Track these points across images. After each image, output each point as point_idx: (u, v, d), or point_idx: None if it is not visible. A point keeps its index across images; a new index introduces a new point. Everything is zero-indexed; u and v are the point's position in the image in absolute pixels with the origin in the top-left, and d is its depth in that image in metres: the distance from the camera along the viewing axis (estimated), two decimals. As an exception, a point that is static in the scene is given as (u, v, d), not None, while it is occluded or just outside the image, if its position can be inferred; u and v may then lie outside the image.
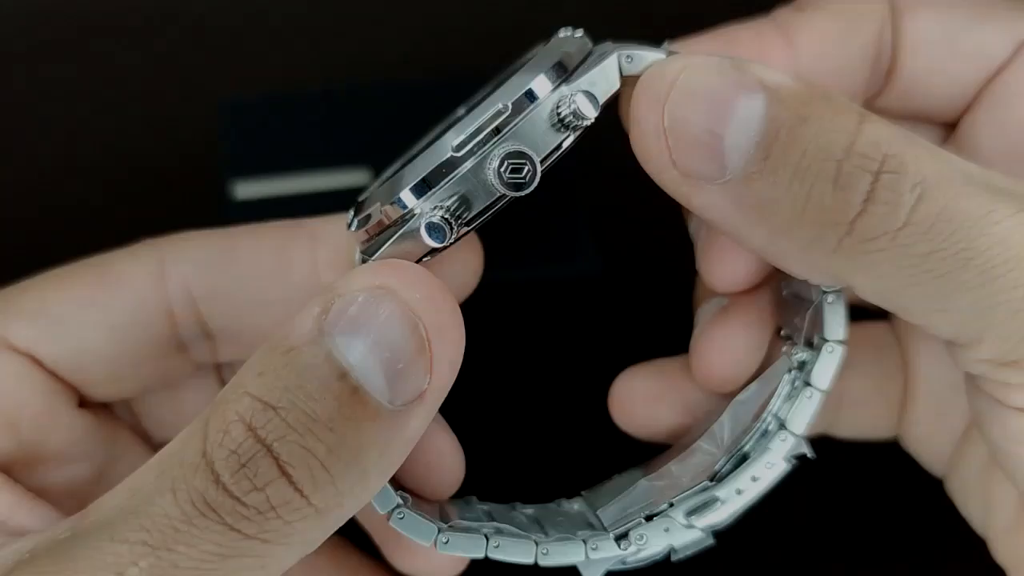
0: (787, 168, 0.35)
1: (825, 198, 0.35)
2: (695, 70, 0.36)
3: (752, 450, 0.44)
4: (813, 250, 0.36)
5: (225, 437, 0.33)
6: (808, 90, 0.36)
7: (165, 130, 0.76)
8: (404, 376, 0.34)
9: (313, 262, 0.44)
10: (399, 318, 0.34)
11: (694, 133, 0.35)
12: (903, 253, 0.35)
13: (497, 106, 0.37)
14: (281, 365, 0.34)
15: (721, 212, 0.37)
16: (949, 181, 0.35)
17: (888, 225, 0.35)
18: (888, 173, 0.35)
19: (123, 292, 0.43)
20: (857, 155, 0.35)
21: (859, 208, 0.35)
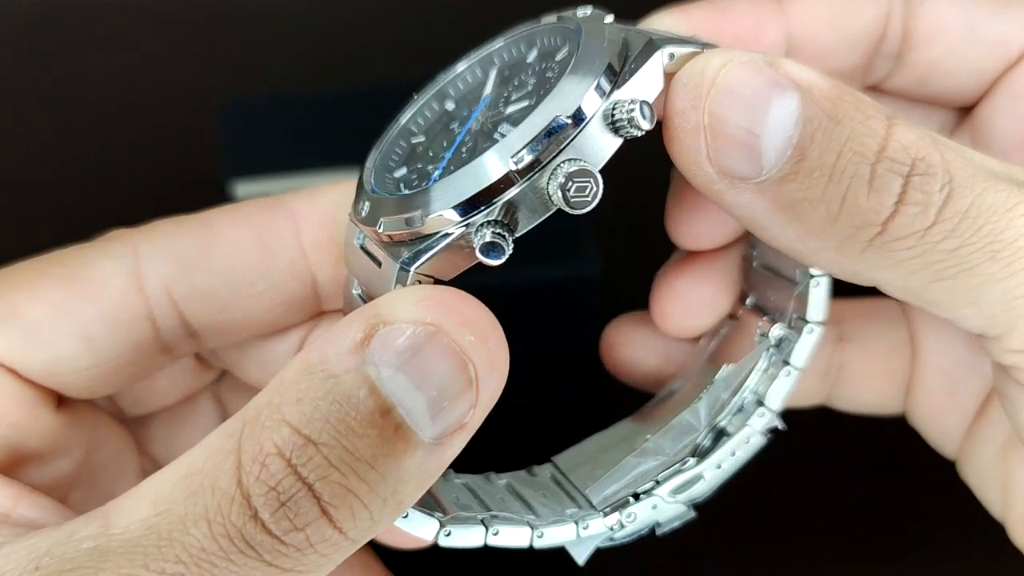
0: (823, 170, 0.35)
1: (860, 200, 0.35)
2: (735, 68, 0.36)
3: (730, 425, 0.46)
4: (843, 250, 0.37)
5: (263, 471, 0.32)
6: (838, 90, 0.36)
7: (165, 130, 0.76)
8: (449, 412, 0.34)
9: (298, 245, 0.43)
10: (449, 359, 0.34)
11: (732, 132, 0.35)
12: (931, 250, 0.36)
13: (554, 116, 0.35)
14: (321, 394, 0.33)
15: (754, 211, 0.37)
16: (974, 178, 0.36)
17: (919, 224, 0.36)
18: (918, 175, 0.35)
19: (99, 300, 0.41)
20: (888, 158, 0.35)
21: (891, 209, 0.35)
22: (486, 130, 0.40)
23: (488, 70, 0.43)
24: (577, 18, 0.40)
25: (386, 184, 0.41)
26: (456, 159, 0.39)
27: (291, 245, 0.43)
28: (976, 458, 0.48)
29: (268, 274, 0.43)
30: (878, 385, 0.51)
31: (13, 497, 0.39)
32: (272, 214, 0.43)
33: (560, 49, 0.41)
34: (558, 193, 0.35)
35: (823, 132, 0.35)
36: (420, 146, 0.42)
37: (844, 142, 0.35)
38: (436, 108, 0.44)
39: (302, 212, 0.43)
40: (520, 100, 0.40)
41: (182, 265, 0.42)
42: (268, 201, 0.44)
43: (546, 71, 0.41)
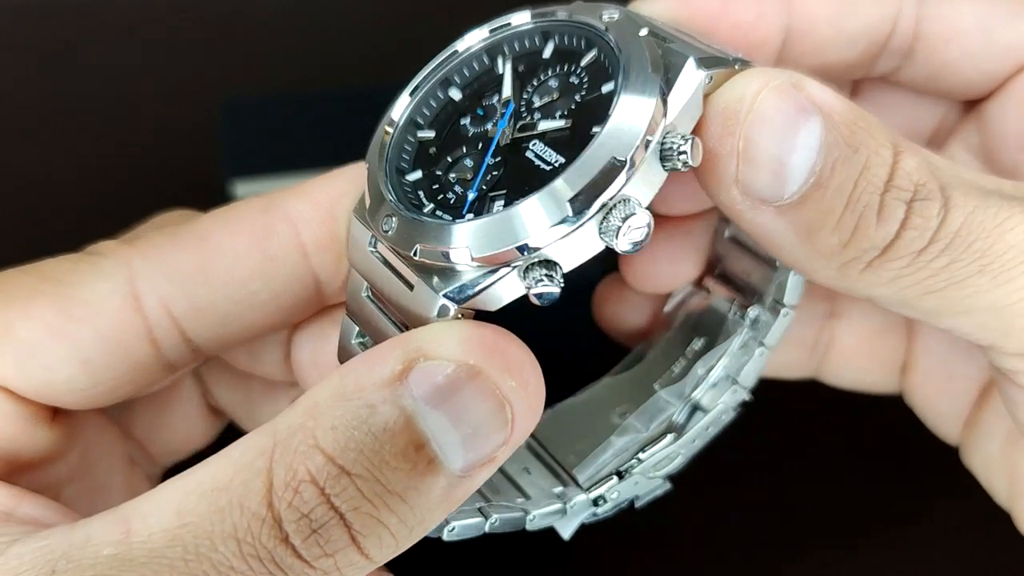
0: (840, 199, 0.36)
1: (869, 229, 0.37)
2: (770, 94, 0.36)
3: (703, 399, 0.47)
4: (845, 270, 0.38)
5: (296, 497, 0.33)
6: (853, 114, 0.37)
7: (165, 130, 0.76)
8: (481, 449, 0.34)
9: (299, 247, 0.42)
10: (488, 401, 0.34)
11: (763, 158, 0.36)
12: (924, 267, 0.37)
13: (610, 158, 0.35)
14: (357, 423, 0.33)
15: (770, 231, 0.37)
16: (966, 197, 0.37)
17: (915, 246, 0.37)
18: (919, 200, 0.37)
19: (95, 322, 0.40)
20: (895, 187, 0.37)
21: (894, 235, 0.37)
22: (517, 146, 0.39)
23: (496, 58, 0.42)
24: (604, 22, 0.39)
25: (404, 191, 0.40)
26: (491, 181, 0.39)
27: (292, 249, 0.42)
28: (980, 448, 0.49)
29: (270, 282, 0.42)
30: (869, 363, 0.52)
31: (15, 497, 0.39)
32: (269, 218, 0.42)
33: (584, 53, 0.40)
34: (613, 238, 0.35)
35: (842, 160, 0.36)
36: (431, 145, 0.41)
37: (860, 172, 0.36)
38: (440, 97, 0.42)
39: (300, 212, 0.42)
40: (548, 109, 0.39)
41: (181, 282, 0.41)
42: (262, 203, 0.42)
43: (570, 75, 0.40)
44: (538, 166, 0.38)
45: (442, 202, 0.39)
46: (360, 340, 0.41)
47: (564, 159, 0.37)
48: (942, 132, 0.51)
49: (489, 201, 0.38)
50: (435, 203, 0.39)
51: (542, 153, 0.38)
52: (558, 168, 0.37)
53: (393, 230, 0.37)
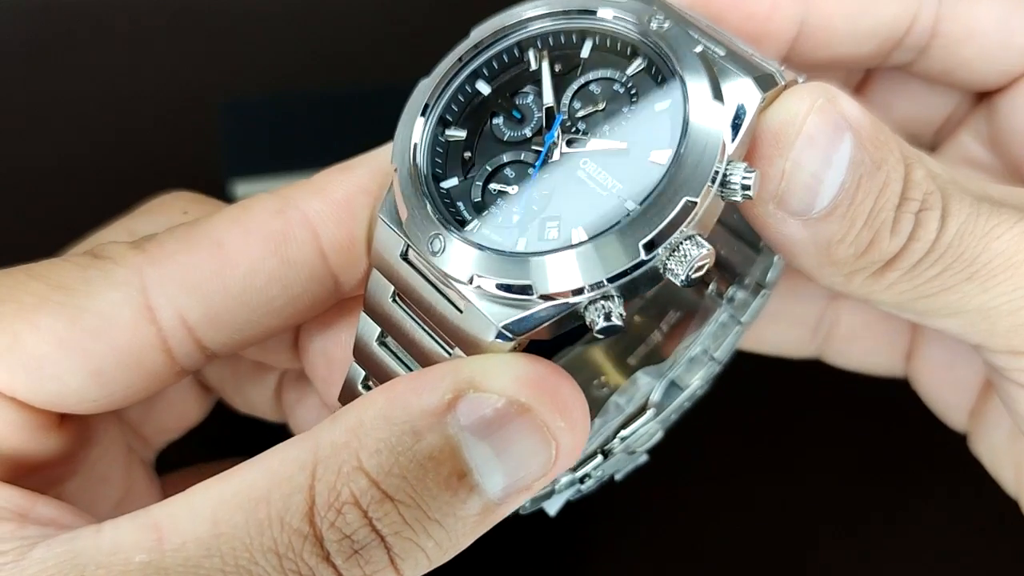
0: (861, 215, 0.37)
1: (883, 243, 0.38)
2: (816, 116, 0.36)
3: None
4: (851, 277, 0.39)
5: (339, 518, 0.33)
6: (875, 128, 0.37)
7: (165, 130, 0.76)
8: (522, 481, 0.35)
9: (317, 249, 0.40)
10: (535, 437, 0.34)
11: (804, 177, 0.37)
12: (919, 275, 0.39)
13: (684, 201, 0.35)
14: (402, 449, 0.33)
15: (792, 241, 0.38)
16: (961, 205, 0.38)
17: (915, 258, 0.38)
18: (924, 211, 0.38)
19: (108, 334, 0.39)
20: (907, 200, 0.38)
21: (901, 247, 0.38)
22: (567, 163, 0.38)
23: (527, 51, 0.41)
24: (654, 30, 0.38)
25: (443, 202, 0.39)
26: (541, 201, 0.38)
27: (310, 252, 0.40)
28: (987, 437, 0.49)
29: (288, 287, 0.41)
30: (873, 346, 0.53)
31: (29, 498, 0.39)
32: (286, 220, 0.40)
33: (629, 61, 0.39)
34: (682, 274, 0.35)
35: (867, 177, 0.37)
36: (464, 147, 0.40)
37: (880, 189, 0.37)
38: (468, 91, 0.41)
39: (317, 212, 0.40)
40: (594, 121, 0.38)
41: (196, 291, 0.39)
42: (277, 203, 0.41)
43: (613, 82, 0.39)
44: (594, 190, 0.37)
45: (488, 219, 0.38)
46: (382, 341, 0.40)
47: (622, 184, 0.37)
48: (952, 121, 0.51)
49: (541, 224, 0.37)
50: (480, 219, 0.38)
51: (596, 175, 0.38)
52: (616, 195, 0.37)
53: (443, 253, 0.37)
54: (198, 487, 0.35)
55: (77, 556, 0.34)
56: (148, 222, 0.46)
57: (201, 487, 0.35)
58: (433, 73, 0.41)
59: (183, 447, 0.52)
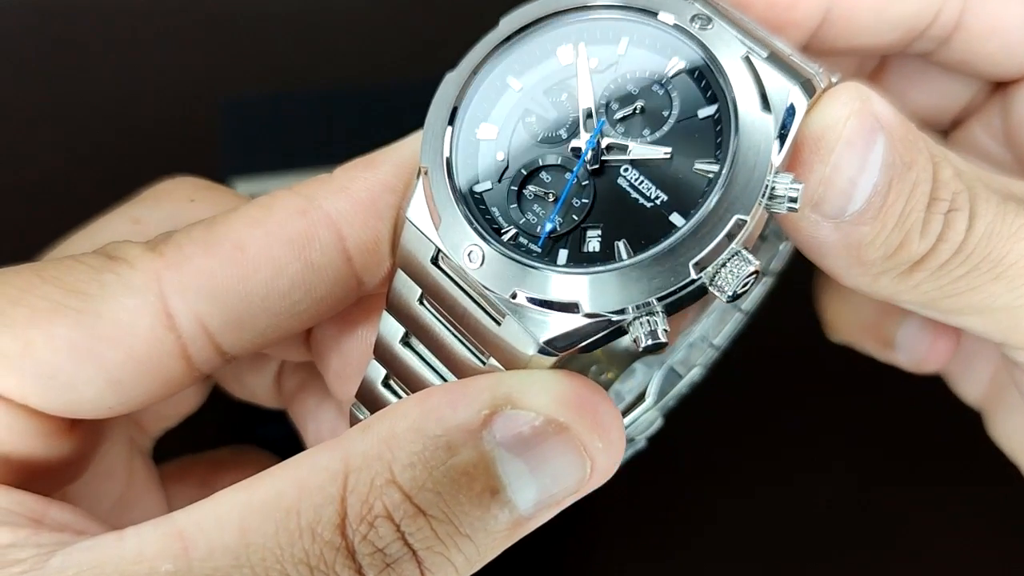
0: (892, 217, 0.37)
1: (913, 245, 0.38)
2: (855, 121, 0.36)
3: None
4: (879, 278, 0.39)
5: (372, 532, 0.33)
6: (905, 128, 0.37)
7: (165, 129, 0.76)
8: (554, 497, 0.35)
9: (342, 251, 0.39)
10: (571, 455, 0.34)
11: (841, 181, 0.36)
12: (945, 275, 0.39)
13: (736, 220, 0.34)
14: (436, 463, 0.33)
15: (823, 243, 0.38)
16: (987, 205, 0.39)
17: (943, 259, 0.38)
18: (953, 211, 0.38)
19: (125, 342, 0.37)
20: (936, 201, 0.38)
21: (930, 248, 0.38)
22: (607, 170, 0.37)
23: (560, 45, 0.39)
24: (695, 34, 0.37)
25: (478, 208, 0.37)
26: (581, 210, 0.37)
27: (334, 253, 0.39)
28: (1005, 421, 0.50)
29: (312, 290, 0.39)
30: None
31: (42, 502, 0.38)
32: (309, 221, 0.39)
33: (668, 61, 0.38)
34: (729, 290, 0.35)
35: (898, 178, 0.37)
36: (496, 147, 0.39)
37: (911, 189, 0.37)
38: (498, 85, 0.39)
39: (340, 212, 0.39)
40: (633, 125, 0.38)
41: (217, 297, 0.38)
42: (299, 203, 0.39)
43: (652, 84, 0.38)
44: (636, 200, 0.37)
45: (524, 227, 0.37)
46: (406, 341, 0.40)
47: (665, 195, 0.36)
48: (969, 110, 0.51)
49: (581, 234, 0.37)
50: (517, 227, 0.37)
51: (638, 184, 0.37)
52: (661, 207, 0.36)
53: (483, 266, 0.36)
54: (222, 494, 0.34)
55: (100, 565, 0.33)
56: (152, 209, 0.45)
57: (226, 494, 0.34)
58: (460, 66, 0.39)
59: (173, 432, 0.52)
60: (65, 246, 0.46)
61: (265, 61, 0.80)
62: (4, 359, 0.37)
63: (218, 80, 0.79)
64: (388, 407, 0.35)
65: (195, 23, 0.82)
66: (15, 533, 0.35)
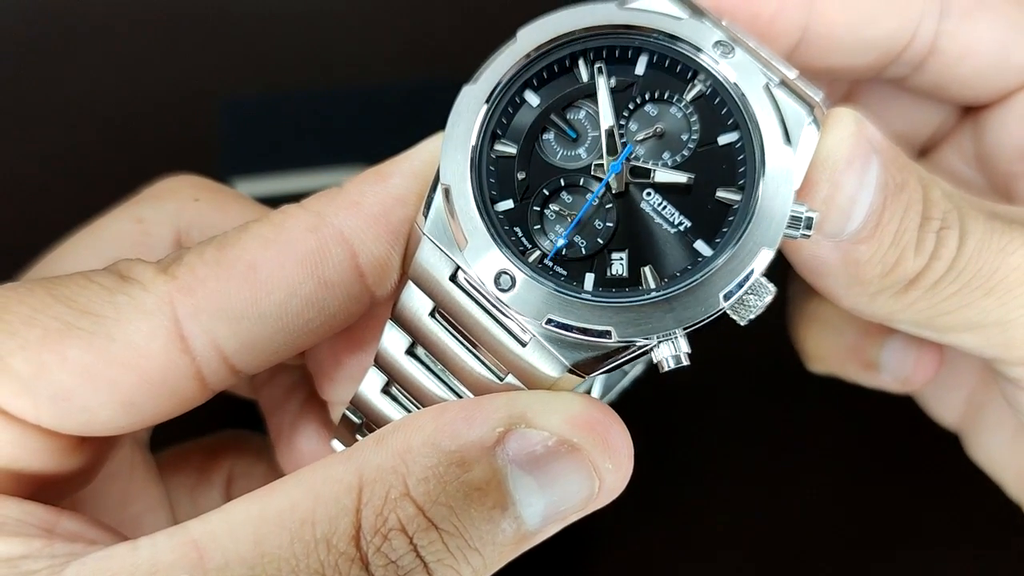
0: (888, 235, 0.38)
1: (907, 263, 0.39)
2: (854, 142, 0.38)
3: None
4: (875, 298, 0.40)
5: (385, 544, 0.34)
6: (894, 151, 0.39)
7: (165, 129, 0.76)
8: (562, 514, 0.36)
9: (355, 269, 0.39)
10: (581, 474, 0.35)
11: (841, 200, 0.38)
12: (938, 292, 0.40)
13: (761, 253, 0.35)
14: (450, 478, 0.34)
15: (823, 263, 0.39)
16: (976, 222, 0.40)
17: (936, 276, 0.39)
18: (944, 229, 0.39)
19: (138, 366, 0.37)
20: (928, 220, 0.39)
21: (924, 265, 0.39)
22: (630, 193, 0.38)
23: (577, 61, 0.39)
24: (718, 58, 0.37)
25: (502, 228, 0.38)
26: (605, 233, 0.38)
27: (347, 270, 0.39)
28: (987, 442, 0.50)
29: (325, 308, 0.39)
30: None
31: (53, 512, 0.38)
32: (321, 239, 0.38)
33: (688, 84, 0.38)
34: (748, 315, 0.36)
35: (892, 199, 0.38)
36: (516, 166, 0.39)
37: (904, 209, 0.38)
38: (517, 102, 0.39)
39: (352, 228, 0.39)
40: (654, 148, 0.38)
41: (231, 320, 0.38)
42: (310, 219, 0.39)
43: (671, 104, 0.38)
44: (660, 225, 0.37)
45: (549, 248, 0.38)
46: (411, 351, 0.40)
47: (689, 221, 0.37)
48: (939, 135, 0.52)
49: (607, 257, 0.37)
50: (542, 249, 0.38)
51: (660, 208, 0.38)
52: (684, 233, 0.37)
53: (512, 291, 0.36)
54: (235, 504, 0.35)
55: (112, 572, 0.34)
56: (155, 209, 0.45)
57: (236, 504, 0.35)
58: (480, 80, 0.39)
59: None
60: (68, 245, 0.46)
61: (265, 61, 0.80)
62: (18, 381, 0.36)
63: (218, 80, 0.79)
64: (402, 419, 0.36)
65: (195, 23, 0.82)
66: (28, 544, 0.36)
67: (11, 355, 0.36)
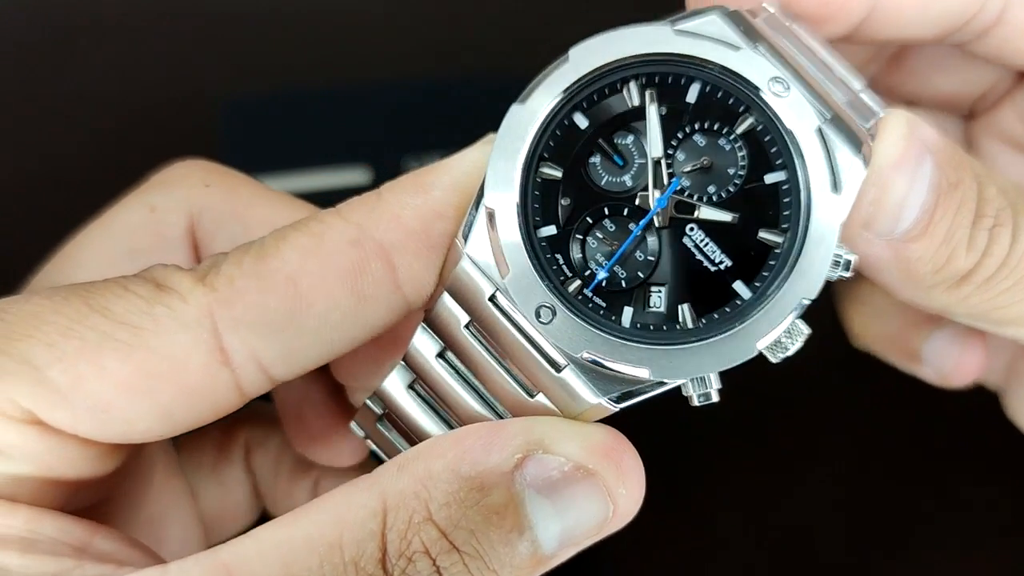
0: (939, 234, 0.39)
1: (959, 260, 0.40)
2: (904, 143, 0.38)
3: None
4: (931, 292, 0.41)
5: (410, 566, 0.35)
6: (951, 150, 0.40)
7: (165, 129, 0.76)
8: (576, 538, 0.37)
9: (394, 283, 0.39)
10: (596, 499, 0.37)
11: (891, 202, 0.39)
12: (992, 287, 0.41)
13: (800, 300, 0.36)
14: (471, 503, 0.35)
15: (876, 260, 0.40)
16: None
17: (989, 272, 0.40)
18: (997, 227, 0.40)
19: (178, 378, 0.37)
20: (981, 217, 0.40)
21: (976, 262, 0.40)
22: (674, 227, 0.38)
23: (628, 83, 0.38)
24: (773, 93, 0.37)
25: (543, 255, 0.38)
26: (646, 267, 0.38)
27: (386, 285, 0.39)
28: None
29: (364, 321, 0.39)
30: None
31: (87, 530, 0.39)
32: (361, 252, 0.38)
33: (740, 117, 0.38)
34: (780, 357, 0.37)
35: (944, 198, 0.39)
36: (560, 192, 0.38)
37: (957, 209, 0.39)
38: (566, 124, 0.39)
39: (392, 244, 0.39)
40: (700, 182, 0.38)
41: (270, 333, 0.38)
42: (351, 232, 0.39)
43: (719, 135, 0.38)
44: (700, 262, 0.38)
45: (590, 278, 0.38)
46: (441, 355, 0.40)
47: (730, 260, 0.37)
48: (994, 94, 0.51)
49: (646, 291, 0.38)
50: (582, 279, 0.38)
51: (703, 245, 0.38)
52: (724, 272, 0.37)
53: (551, 324, 0.37)
54: (263, 529, 0.36)
55: None
56: (167, 196, 0.46)
57: (265, 529, 0.36)
58: (529, 100, 0.38)
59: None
60: (82, 236, 0.46)
61: (265, 61, 0.80)
62: (56, 393, 0.36)
63: (218, 80, 0.79)
64: (421, 445, 0.37)
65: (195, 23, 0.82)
66: (60, 563, 0.36)
67: (49, 367, 0.36)
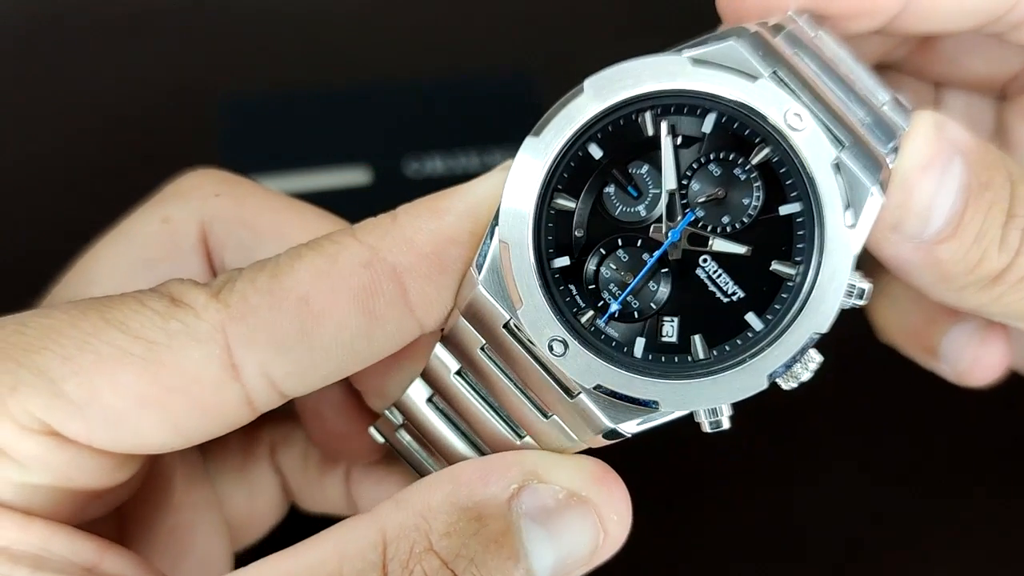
0: (969, 235, 0.39)
1: (991, 260, 0.40)
2: (932, 146, 0.39)
3: None
4: (963, 292, 0.41)
5: None
6: (982, 150, 0.40)
7: (165, 128, 0.76)
8: (569, 566, 0.38)
9: (405, 304, 0.39)
10: (588, 527, 0.38)
11: (920, 204, 0.39)
12: None
13: (810, 335, 0.37)
14: (471, 533, 0.37)
15: (907, 262, 0.40)
16: None
17: (1022, 271, 0.40)
18: None
19: (191, 392, 0.38)
20: (1013, 217, 0.40)
21: (1008, 262, 0.40)
22: (686, 258, 0.38)
23: (644, 113, 0.38)
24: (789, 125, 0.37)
25: (557, 288, 0.38)
26: (659, 298, 0.38)
27: (398, 307, 0.39)
28: None
29: (374, 340, 0.40)
30: None
31: (97, 550, 0.39)
32: (373, 274, 0.39)
33: (755, 148, 0.38)
34: (791, 386, 0.38)
35: (975, 198, 0.39)
36: (575, 223, 0.39)
37: (988, 209, 0.39)
38: (580, 155, 0.39)
39: (405, 267, 0.39)
40: (714, 213, 0.38)
41: (282, 350, 0.39)
42: (363, 253, 0.39)
43: (734, 166, 0.38)
44: (713, 293, 0.38)
45: (603, 309, 0.38)
46: (459, 374, 0.41)
47: (742, 292, 0.38)
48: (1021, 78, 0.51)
49: (658, 322, 0.38)
50: (595, 310, 0.38)
51: (716, 276, 0.38)
52: (737, 304, 0.38)
53: (564, 356, 0.38)
54: (266, 562, 0.37)
55: None
56: (180, 207, 0.47)
57: (271, 560, 0.37)
58: (544, 133, 0.38)
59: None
60: (98, 248, 0.46)
61: (265, 61, 0.80)
62: (71, 405, 0.37)
63: (218, 80, 0.79)
64: (419, 482, 0.39)
65: (195, 22, 0.82)
66: None
67: (65, 380, 0.37)
